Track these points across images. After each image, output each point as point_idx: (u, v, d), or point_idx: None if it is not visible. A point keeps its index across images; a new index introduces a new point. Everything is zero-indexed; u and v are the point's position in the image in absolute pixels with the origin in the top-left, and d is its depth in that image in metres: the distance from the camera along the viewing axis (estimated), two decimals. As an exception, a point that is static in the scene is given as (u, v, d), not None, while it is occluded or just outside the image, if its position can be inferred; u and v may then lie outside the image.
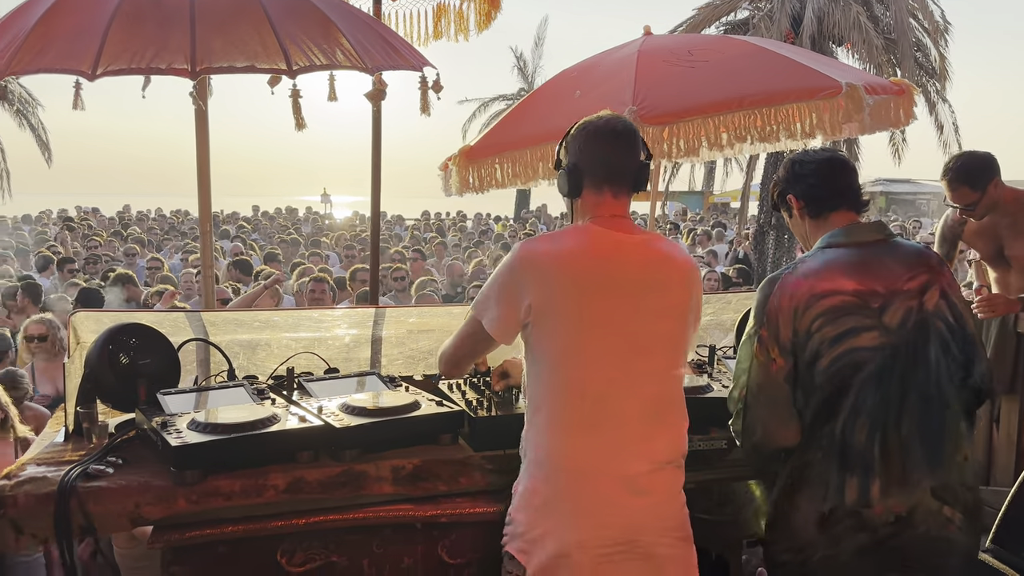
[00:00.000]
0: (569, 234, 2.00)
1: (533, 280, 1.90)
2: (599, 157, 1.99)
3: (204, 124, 3.05)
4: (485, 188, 3.61)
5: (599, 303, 1.91)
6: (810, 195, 2.20)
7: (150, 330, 2.50)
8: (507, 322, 1.94)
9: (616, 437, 1.91)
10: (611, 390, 1.91)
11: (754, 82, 3.12)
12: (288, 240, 13.09)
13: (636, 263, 1.97)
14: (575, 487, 1.88)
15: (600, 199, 2.01)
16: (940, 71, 12.63)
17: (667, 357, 1.99)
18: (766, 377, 2.07)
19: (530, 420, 1.98)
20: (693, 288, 2.04)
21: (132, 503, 1.97)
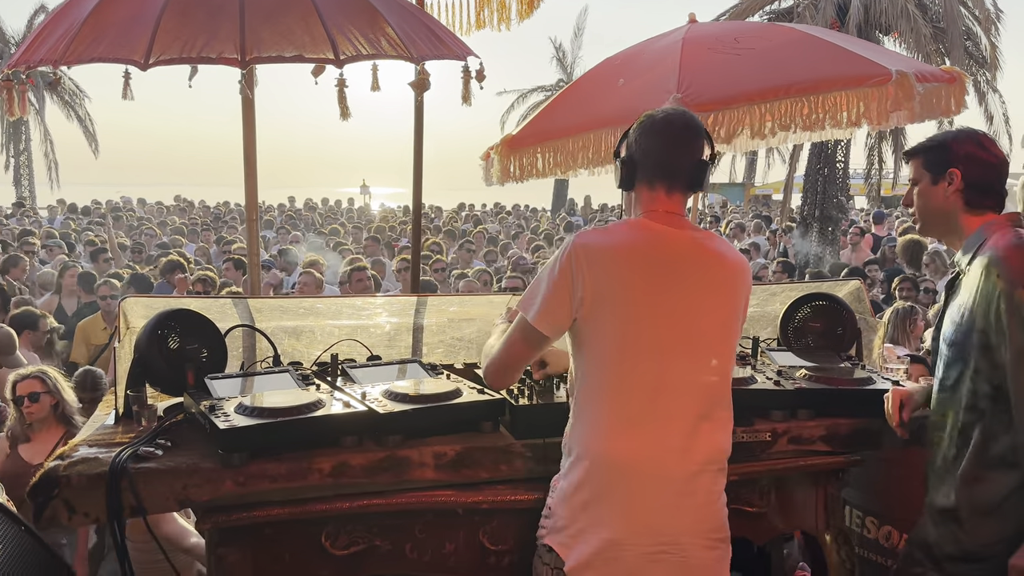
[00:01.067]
0: (622, 228, 1.99)
1: (586, 273, 1.88)
2: (654, 152, 1.97)
3: (251, 113, 3.09)
4: (526, 177, 3.60)
5: (651, 298, 1.89)
6: (983, 181, 2.21)
7: (198, 316, 2.54)
8: (557, 316, 1.91)
9: (663, 437, 1.89)
10: (659, 388, 1.89)
11: (801, 69, 3.07)
12: (328, 232, 13.22)
13: (689, 260, 1.95)
14: (619, 486, 1.88)
15: (653, 195, 1.99)
16: (991, 60, 12.30)
17: (716, 356, 1.97)
18: None
19: (576, 415, 1.97)
20: (743, 288, 2.03)
21: (180, 484, 2.01)
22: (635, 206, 2.04)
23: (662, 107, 2.04)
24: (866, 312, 3.24)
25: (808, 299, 3.13)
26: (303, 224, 16.40)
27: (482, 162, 3.87)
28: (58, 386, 3.61)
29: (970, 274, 2.18)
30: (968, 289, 2.17)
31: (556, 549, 1.92)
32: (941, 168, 2.24)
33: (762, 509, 2.60)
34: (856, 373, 2.73)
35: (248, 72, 2.88)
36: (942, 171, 2.24)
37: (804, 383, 2.62)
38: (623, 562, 1.86)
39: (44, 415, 3.58)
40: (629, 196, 2.07)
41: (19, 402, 3.59)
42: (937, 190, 2.26)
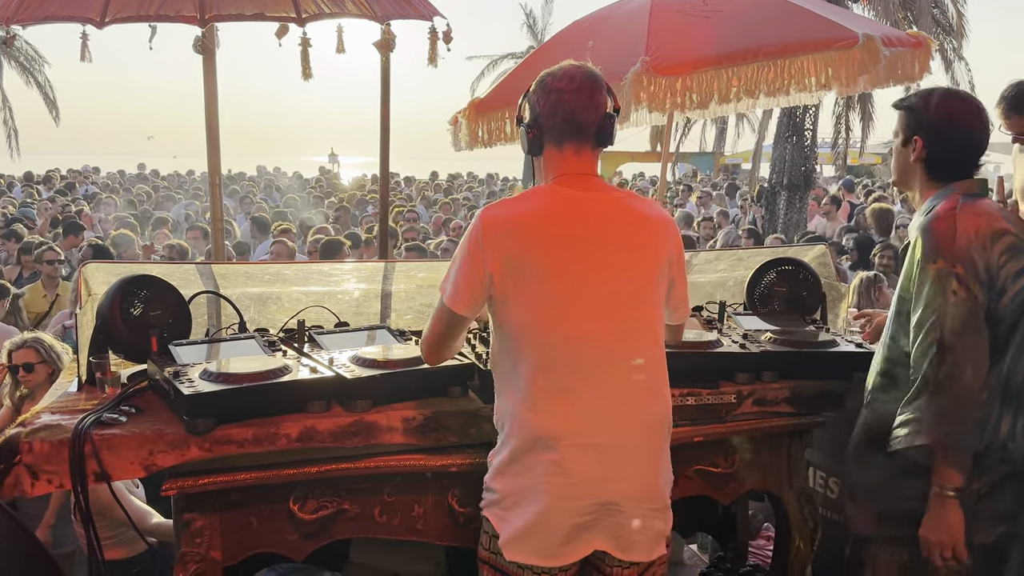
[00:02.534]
0: (529, 196, 1.93)
1: (494, 248, 1.83)
2: (558, 110, 1.89)
3: (212, 73, 3.01)
4: (494, 142, 3.56)
5: (565, 266, 1.84)
6: (942, 156, 2.15)
7: (161, 282, 2.50)
8: (470, 295, 1.87)
9: (588, 405, 1.84)
10: (581, 357, 1.84)
11: (769, 33, 3.06)
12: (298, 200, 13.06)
13: (601, 221, 1.88)
14: (547, 458, 1.83)
15: (562, 156, 1.92)
16: (957, 28, 12.39)
17: (641, 318, 1.90)
18: (970, 313, 1.99)
19: (500, 392, 1.93)
20: (668, 243, 1.95)
21: (146, 451, 1.99)
22: (544, 172, 1.97)
23: (557, 64, 1.94)
24: (832, 277, 3.28)
25: (774, 264, 3.16)
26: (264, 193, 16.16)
27: (450, 127, 3.82)
28: (52, 354, 3.56)
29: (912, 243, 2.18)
30: (908, 256, 2.18)
31: (492, 521, 1.91)
32: (910, 132, 2.20)
33: (727, 470, 2.64)
34: (820, 336, 2.77)
35: (208, 31, 2.80)
36: (910, 136, 2.20)
37: (769, 346, 2.65)
38: (555, 533, 1.83)
39: (41, 382, 3.53)
40: (538, 161, 1.99)
41: (14, 371, 3.54)
42: (905, 153, 2.23)
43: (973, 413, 2.02)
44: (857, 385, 2.63)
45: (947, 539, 2.04)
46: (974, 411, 2.02)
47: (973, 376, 1.99)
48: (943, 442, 2.00)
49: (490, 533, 1.94)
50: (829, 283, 3.23)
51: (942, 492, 2.03)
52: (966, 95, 2.21)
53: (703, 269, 3.51)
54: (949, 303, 2.00)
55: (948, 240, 2.03)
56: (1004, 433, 2.08)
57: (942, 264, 2.02)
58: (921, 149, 2.16)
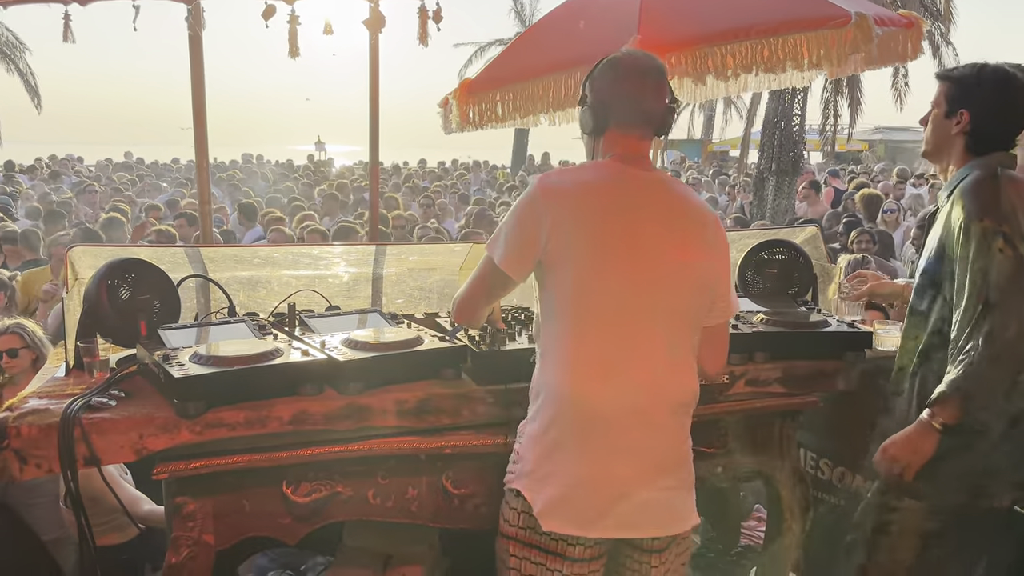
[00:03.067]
0: (589, 168, 1.96)
1: (551, 212, 1.84)
2: (628, 97, 1.92)
3: (199, 52, 2.97)
4: (485, 124, 3.53)
5: (617, 239, 1.86)
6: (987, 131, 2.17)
7: (149, 265, 2.47)
8: (521, 256, 1.88)
9: (630, 379, 1.87)
10: (626, 329, 1.87)
11: (762, 10, 3.05)
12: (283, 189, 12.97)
13: (656, 200, 1.92)
14: (587, 427, 1.86)
15: (625, 138, 1.95)
16: (945, 13, 12.43)
17: (682, 299, 1.92)
18: (1016, 271, 2.00)
19: (542, 358, 1.94)
20: (719, 237, 1.99)
21: (136, 434, 1.97)
22: (602, 150, 1.99)
23: (623, 49, 1.99)
24: (822, 258, 3.29)
25: (765, 246, 3.16)
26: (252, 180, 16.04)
27: (440, 109, 3.79)
28: (36, 340, 3.51)
29: (947, 205, 2.19)
30: (940, 222, 2.20)
31: (524, 493, 1.91)
32: (956, 104, 2.20)
33: (720, 451, 2.64)
34: (812, 317, 2.77)
35: (195, 8, 2.76)
36: (955, 108, 2.20)
37: (761, 327, 2.65)
38: (591, 503, 1.85)
39: (25, 368, 3.49)
40: (595, 141, 2.01)
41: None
42: (947, 124, 2.22)
43: (1009, 370, 2.02)
44: (849, 365, 2.65)
45: (908, 459, 2.10)
46: (1011, 368, 2.02)
47: (1017, 333, 1.99)
48: (964, 388, 2.01)
49: (519, 509, 1.93)
50: (820, 265, 3.23)
51: (931, 422, 2.07)
52: (1016, 73, 2.18)
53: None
54: (996, 260, 2.00)
55: (994, 200, 2.05)
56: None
57: (989, 222, 2.03)
58: (967, 123, 2.17)
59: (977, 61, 2.22)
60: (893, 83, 12.97)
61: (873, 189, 9.93)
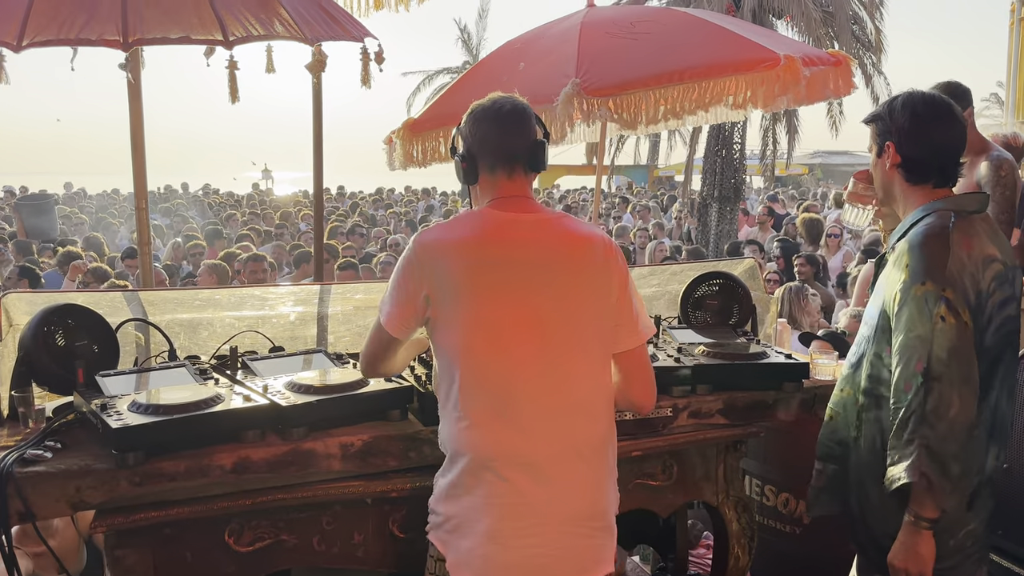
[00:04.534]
0: (463, 219, 1.95)
1: (429, 270, 1.85)
2: (489, 140, 1.94)
3: (138, 97, 2.95)
4: (429, 162, 3.58)
5: (499, 287, 1.85)
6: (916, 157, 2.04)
7: (86, 311, 2.42)
8: (403, 317, 1.89)
9: (525, 425, 1.84)
10: (517, 376, 1.85)
11: (695, 55, 3.15)
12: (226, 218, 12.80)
13: (536, 242, 1.90)
14: (487, 479, 1.84)
15: (495, 182, 1.96)
16: (876, 44, 12.91)
17: (578, 339, 1.89)
18: (958, 342, 1.86)
19: (443, 413, 1.93)
20: (608, 263, 1.94)
21: (73, 487, 1.92)
22: (480, 197, 2.00)
23: (487, 96, 2.00)
24: (760, 289, 3.38)
25: (706, 278, 3.24)
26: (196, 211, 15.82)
27: (385, 146, 3.82)
28: None
29: (893, 254, 2.06)
30: (886, 271, 2.08)
31: (437, 545, 1.91)
32: (881, 141, 2.11)
33: (665, 483, 2.68)
34: (751, 348, 2.84)
35: (133, 54, 2.74)
36: (881, 144, 2.11)
37: (702, 359, 2.71)
38: (497, 557, 1.83)
39: None
40: (474, 189, 2.03)
41: None
42: (882, 163, 2.13)
43: (961, 446, 1.89)
44: (788, 395, 2.72)
45: (915, 569, 1.95)
46: (962, 444, 1.89)
47: (961, 408, 1.87)
48: (927, 475, 1.87)
49: (435, 557, 1.93)
50: (757, 295, 3.32)
51: (917, 522, 1.93)
52: (932, 94, 2.10)
53: (638, 284, 3.56)
54: (936, 328, 1.87)
55: (939, 261, 1.91)
56: (992, 467, 2.02)
57: (931, 286, 1.90)
58: (894, 153, 2.07)
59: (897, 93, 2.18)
60: (828, 111, 13.39)
61: (814, 213, 10.21)
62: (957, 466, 1.90)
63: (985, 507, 2.06)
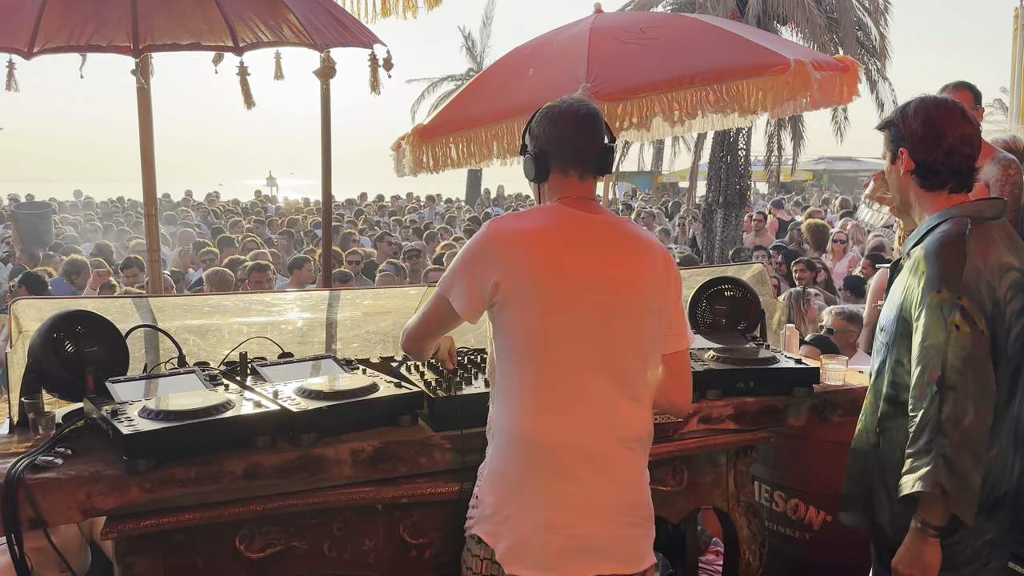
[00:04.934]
0: (538, 213, 2.00)
1: (502, 258, 1.88)
2: (565, 140, 1.99)
3: (147, 104, 2.96)
4: (440, 168, 3.58)
5: (568, 282, 1.90)
6: (930, 162, 2.04)
7: (96, 317, 2.43)
8: (474, 300, 1.92)
9: (585, 417, 1.90)
10: (580, 369, 1.90)
11: (705, 59, 3.15)
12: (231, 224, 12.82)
13: (605, 242, 1.96)
14: (544, 468, 1.87)
15: (567, 181, 2.01)
16: (880, 50, 12.89)
17: (634, 338, 1.96)
18: (973, 350, 1.86)
19: (497, 400, 1.96)
20: (669, 269, 2.02)
21: (83, 493, 1.92)
22: (548, 195, 2.05)
23: (560, 98, 2.05)
24: (768, 294, 3.37)
25: (714, 283, 3.23)
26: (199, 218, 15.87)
27: (393, 152, 3.82)
28: None
29: (909, 261, 2.06)
30: (902, 277, 2.08)
31: (485, 539, 1.91)
32: (894, 147, 2.12)
33: (676, 488, 2.67)
34: (761, 353, 2.83)
35: (143, 61, 2.75)
36: (895, 151, 2.12)
37: (712, 364, 2.70)
38: (552, 545, 1.86)
39: None
40: (540, 187, 2.07)
41: None
42: (896, 170, 2.13)
43: (977, 456, 1.87)
44: (799, 400, 2.70)
45: (922, 574, 1.95)
46: (978, 454, 1.88)
47: (976, 417, 1.86)
48: (942, 485, 1.86)
49: (481, 555, 1.93)
50: (766, 299, 3.31)
51: (924, 529, 1.93)
52: (944, 98, 2.10)
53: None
54: (951, 337, 1.87)
55: (955, 269, 1.91)
56: (1017, 478, 2.00)
57: (946, 294, 1.89)
58: (908, 159, 2.08)
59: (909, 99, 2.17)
60: (833, 117, 13.36)
61: (819, 219, 10.20)
62: (976, 476, 1.89)
63: (1006, 517, 2.05)
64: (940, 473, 1.87)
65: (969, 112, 2.09)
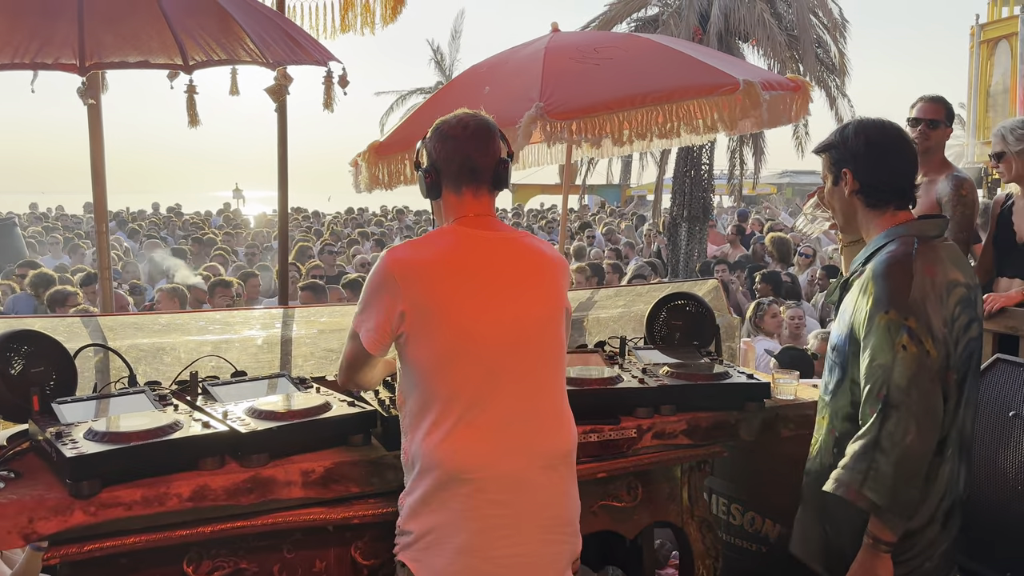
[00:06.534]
0: (434, 237, 2.00)
1: (403, 288, 1.88)
2: (455, 156, 1.98)
3: (98, 121, 2.93)
4: (394, 184, 3.60)
5: (471, 303, 1.90)
6: (874, 182, 2.08)
7: (43, 336, 2.38)
8: (381, 333, 1.92)
9: (499, 437, 1.89)
10: (490, 390, 1.90)
11: (656, 79, 3.21)
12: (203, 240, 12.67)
13: (505, 260, 1.97)
14: (462, 493, 1.86)
15: (460, 199, 2.00)
16: (840, 67, 13.15)
17: (545, 353, 1.98)
18: (919, 370, 1.89)
19: (411, 430, 1.95)
20: (564, 282, 2.05)
21: (25, 518, 1.88)
22: (445, 214, 2.04)
23: (453, 112, 2.04)
24: (724, 309, 3.41)
25: (670, 299, 3.26)
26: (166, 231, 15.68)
27: (351, 169, 3.83)
28: None
29: (860, 279, 2.08)
30: (852, 296, 2.10)
31: (409, 565, 1.90)
32: (836, 168, 2.15)
33: (631, 504, 2.69)
34: (714, 368, 2.86)
35: (91, 78, 2.72)
36: (838, 172, 2.15)
37: (666, 379, 2.72)
38: (480, 567, 1.86)
39: None
40: (438, 204, 2.06)
41: None
42: (839, 191, 2.17)
43: (913, 473, 1.91)
44: (751, 415, 2.73)
45: None
46: (915, 471, 1.91)
47: (917, 437, 1.88)
48: (878, 503, 1.90)
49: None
50: (721, 315, 3.35)
51: (876, 544, 1.95)
52: (881, 120, 2.16)
53: (604, 305, 3.59)
54: (898, 357, 1.90)
55: (903, 289, 1.94)
56: (962, 488, 2.06)
57: (894, 315, 1.93)
58: (852, 180, 2.11)
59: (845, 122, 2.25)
60: (795, 132, 13.60)
61: (782, 232, 10.34)
62: (913, 491, 1.92)
63: (955, 526, 2.09)
64: (879, 491, 1.90)
65: (905, 132, 2.16)
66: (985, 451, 2.65)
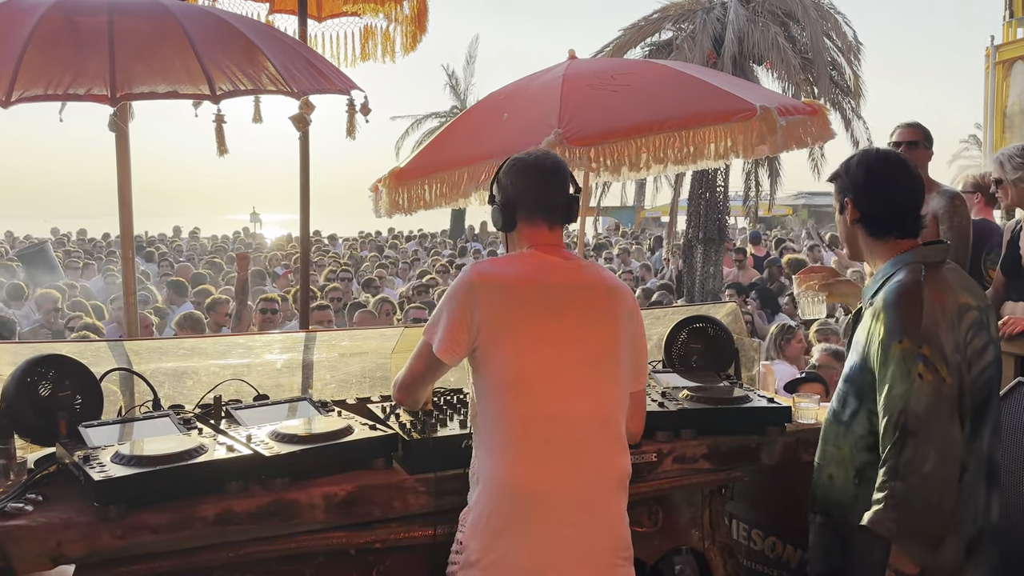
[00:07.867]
0: (516, 258, 2.08)
1: (484, 301, 1.94)
2: (531, 192, 2.08)
3: (125, 149, 2.99)
4: (414, 209, 3.65)
5: (548, 325, 1.96)
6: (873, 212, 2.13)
7: (70, 361, 2.43)
8: (456, 343, 1.96)
9: (566, 460, 1.93)
10: (560, 413, 1.94)
11: (674, 106, 3.24)
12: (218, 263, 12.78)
13: (580, 287, 2.04)
14: (529, 512, 1.90)
15: (535, 230, 2.09)
16: (855, 89, 13.15)
17: (610, 379, 2.03)
18: (936, 398, 1.90)
19: (480, 445, 1.99)
20: (629, 312, 2.09)
21: (54, 541, 1.90)
22: (519, 243, 2.12)
23: (526, 150, 2.15)
24: (743, 332, 3.41)
25: (688, 322, 3.27)
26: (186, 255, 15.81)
27: (371, 194, 3.88)
28: None
29: (871, 309, 2.10)
30: (864, 327, 2.11)
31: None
32: (841, 197, 2.20)
33: (652, 529, 2.68)
34: (734, 392, 2.86)
35: (121, 108, 2.78)
36: (842, 200, 2.20)
37: (686, 403, 2.72)
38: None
39: None
40: (508, 236, 2.16)
41: None
42: (842, 220, 2.22)
43: (938, 500, 1.90)
44: (771, 439, 2.73)
45: None
46: (937, 499, 1.90)
47: (937, 464, 1.88)
48: (895, 530, 1.91)
49: None
50: (740, 339, 3.35)
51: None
52: (885, 150, 2.22)
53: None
54: (914, 386, 1.91)
55: (914, 318, 1.95)
56: (996, 516, 2.05)
57: (908, 344, 1.94)
58: (853, 209, 2.17)
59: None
60: (811, 154, 13.56)
61: (799, 254, 10.32)
62: (934, 519, 1.91)
63: (986, 557, 2.06)
64: (889, 514, 1.91)
65: (910, 162, 2.18)
66: (1007, 476, 2.62)
